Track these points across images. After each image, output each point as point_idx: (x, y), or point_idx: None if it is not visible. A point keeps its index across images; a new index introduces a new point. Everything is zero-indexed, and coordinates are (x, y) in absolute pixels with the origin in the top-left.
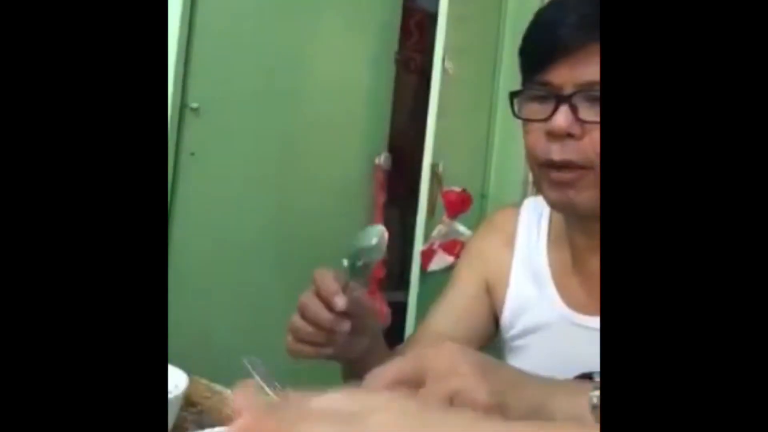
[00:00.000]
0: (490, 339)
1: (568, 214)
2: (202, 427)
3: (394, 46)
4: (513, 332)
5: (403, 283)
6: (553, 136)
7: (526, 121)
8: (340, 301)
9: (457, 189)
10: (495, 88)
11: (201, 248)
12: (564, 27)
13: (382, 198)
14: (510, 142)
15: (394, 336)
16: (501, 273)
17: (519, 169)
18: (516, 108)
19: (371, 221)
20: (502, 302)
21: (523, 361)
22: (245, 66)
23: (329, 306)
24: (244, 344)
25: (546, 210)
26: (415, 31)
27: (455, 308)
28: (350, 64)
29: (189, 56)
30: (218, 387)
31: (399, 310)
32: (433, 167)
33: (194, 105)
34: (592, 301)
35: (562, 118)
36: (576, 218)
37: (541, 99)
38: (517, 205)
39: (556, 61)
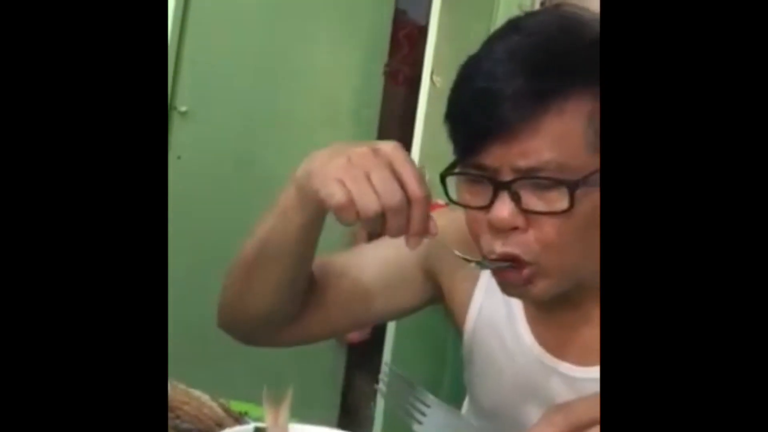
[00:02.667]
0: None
1: None
2: None
3: (384, 57)
4: (474, 355)
5: None
6: (494, 228)
7: (463, 207)
8: (421, 190)
9: (443, 202)
10: None
11: (186, 252)
12: (499, 103)
13: None
14: None
15: (376, 337)
16: (458, 283)
17: None
18: (449, 191)
19: (356, 230)
20: (463, 317)
21: (479, 382)
22: (235, 72)
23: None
24: (225, 350)
25: None
26: (405, 44)
27: (383, 267)
28: (339, 74)
29: (179, 60)
30: (196, 392)
31: None
32: None
33: (182, 108)
34: (567, 341)
35: (504, 209)
36: None
37: (477, 181)
38: None
39: (491, 142)
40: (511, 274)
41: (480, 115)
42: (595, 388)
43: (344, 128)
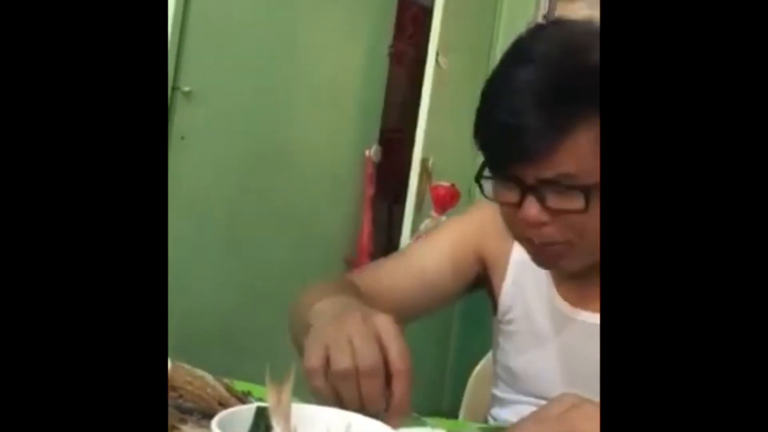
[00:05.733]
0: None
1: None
2: (182, 412)
3: (389, 39)
4: (509, 316)
5: None
6: (526, 223)
7: (498, 203)
8: (403, 364)
9: (446, 184)
10: None
11: (188, 232)
12: (522, 136)
13: (371, 190)
14: None
15: None
16: (500, 256)
17: None
18: (485, 189)
19: (360, 212)
20: (500, 285)
21: (512, 345)
22: (239, 52)
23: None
24: (227, 330)
25: None
26: (410, 25)
27: (441, 258)
28: (344, 55)
29: (183, 39)
30: (199, 372)
31: None
32: (424, 161)
33: (186, 89)
34: (587, 295)
35: (532, 208)
36: None
37: (507, 183)
38: None
39: (517, 164)
40: (547, 251)
41: (506, 146)
42: None
43: (348, 109)
